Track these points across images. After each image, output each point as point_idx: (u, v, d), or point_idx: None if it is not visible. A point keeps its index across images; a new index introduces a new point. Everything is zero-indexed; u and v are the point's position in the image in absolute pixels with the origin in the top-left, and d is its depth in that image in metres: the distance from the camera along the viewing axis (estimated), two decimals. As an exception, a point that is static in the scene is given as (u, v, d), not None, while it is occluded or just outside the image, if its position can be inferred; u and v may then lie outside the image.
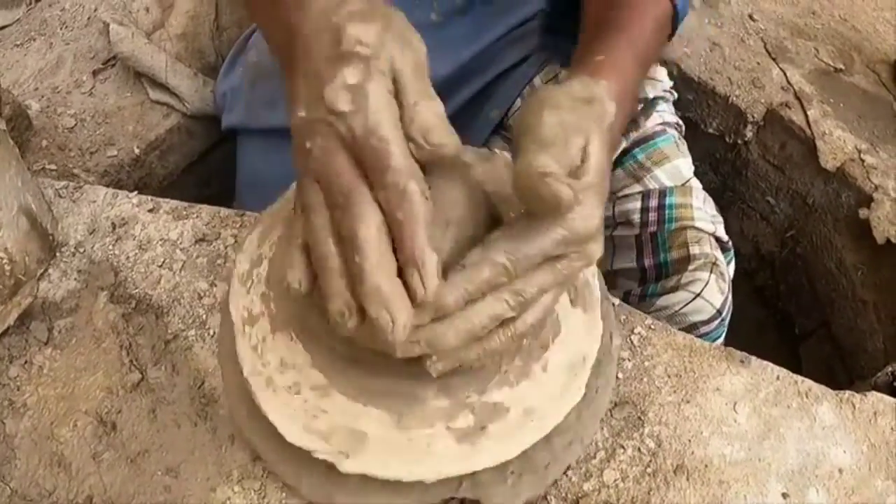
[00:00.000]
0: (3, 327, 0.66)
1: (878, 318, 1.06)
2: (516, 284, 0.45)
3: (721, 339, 0.84)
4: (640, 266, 0.84)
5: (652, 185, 0.83)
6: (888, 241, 1.02)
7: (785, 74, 1.17)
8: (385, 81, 0.42)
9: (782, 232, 1.22)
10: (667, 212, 0.82)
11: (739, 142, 1.19)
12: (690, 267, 0.80)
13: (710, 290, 0.79)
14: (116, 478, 0.59)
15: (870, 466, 0.64)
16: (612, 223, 0.86)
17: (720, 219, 0.84)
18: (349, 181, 0.41)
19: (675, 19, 0.69)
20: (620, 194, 0.85)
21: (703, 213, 0.83)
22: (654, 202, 0.82)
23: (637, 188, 0.84)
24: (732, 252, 0.85)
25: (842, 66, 1.20)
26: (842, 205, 1.10)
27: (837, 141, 1.09)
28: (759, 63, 1.18)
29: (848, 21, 1.28)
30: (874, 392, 0.69)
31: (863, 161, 1.07)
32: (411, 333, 0.43)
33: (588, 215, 0.45)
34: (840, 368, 1.13)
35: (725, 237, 0.83)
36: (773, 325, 1.26)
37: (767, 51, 1.20)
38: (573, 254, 0.46)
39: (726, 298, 0.81)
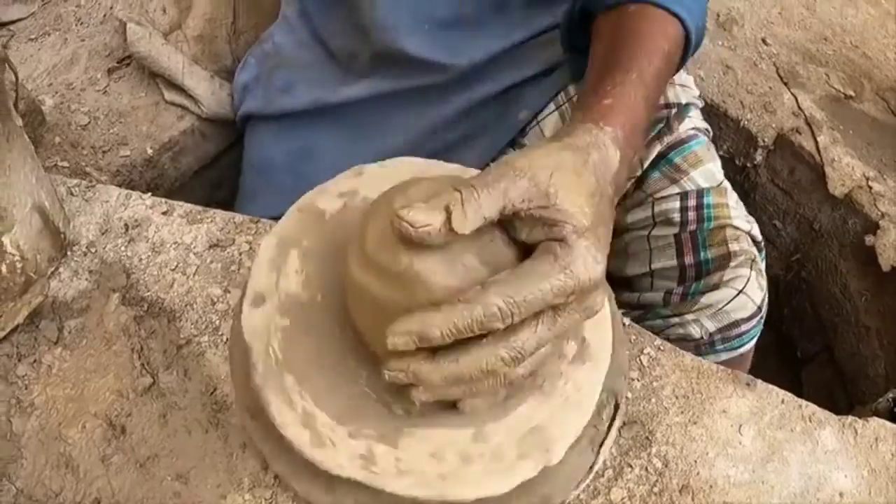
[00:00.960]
0: (12, 325, 0.66)
1: (880, 344, 1.07)
2: (515, 339, 0.45)
3: (755, 340, 0.84)
4: (681, 265, 0.84)
5: (689, 186, 0.84)
6: (893, 268, 1.02)
7: (796, 99, 1.17)
8: None
9: (788, 256, 1.23)
10: (705, 211, 0.82)
11: (749, 165, 1.19)
12: (732, 264, 0.80)
13: (752, 287, 0.79)
14: (125, 481, 0.59)
15: (870, 491, 0.64)
16: (651, 223, 0.86)
17: (753, 219, 0.84)
18: None
19: (688, 44, 0.69)
20: (658, 196, 0.85)
21: (739, 213, 0.83)
22: (692, 202, 0.83)
23: (674, 189, 0.84)
24: (765, 252, 0.86)
25: (852, 93, 1.21)
26: (848, 231, 1.11)
27: (846, 168, 1.10)
28: (770, 87, 1.19)
29: (859, 48, 1.29)
30: (875, 418, 0.69)
31: (870, 188, 1.08)
32: (400, 360, 0.46)
33: (589, 262, 0.45)
34: (841, 393, 1.14)
35: (759, 237, 0.84)
36: (775, 348, 1.26)
37: (779, 75, 1.21)
38: (573, 305, 0.46)
39: (764, 295, 0.82)
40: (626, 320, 0.71)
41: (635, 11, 0.66)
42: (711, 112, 1.17)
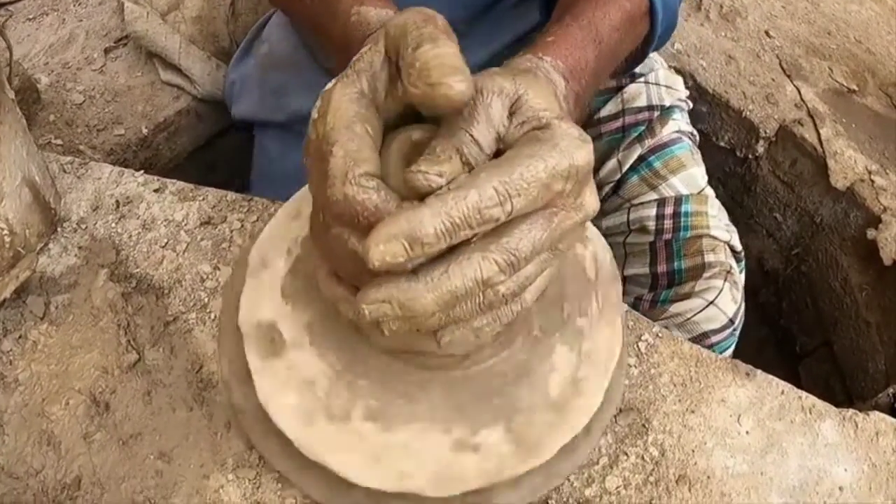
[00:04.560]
0: (-1, 299, 0.65)
1: (880, 340, 1.06)
2: (507, 240, 0.39)
3: (730, 350, 0.84)
4: (653, 272, 0.84)
5: (667, 192, 0.84)
6: (894, 262, 1.02)
7: (799, 92, 1.17)
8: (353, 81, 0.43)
9: (788, 249, 1.22)
10: (682, 219, 0.82)
11: (750, 156, 1.19)
12: (705, 274, 0.80)
13: (724, 299, 0.79)
14: (107, 459, 0.58)
15: (870, 486, 0.63)
16: (627, 230, 0.86)
17: (734, 228, 0.84)
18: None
19: (654, 16, 0.66)
20: (636, 202, 0.85)
21: (719, 222, 0.83)
22: (669, 209, 0.83)
23: (652, 196, 0.84)
24: (744, 263, 0.86)
25: (855, 87, 1.20)
26: (849, 224, 1.10)
27: (848, 161, 1.09)
28: (773, 79, 1.18)
29: (863, 43, 1.28)
30: (876, 411, 0.68)
31: (872, 182, 1.07)
32: (377, 289, 0.38)
33: (576, 141, 0.41)
34: (839, 388, 1.13)
35: (739, 247, 0.84)
36: (773, 342, 1.26)
37: (782, 67, 1.21)
38: (569, 200, 0.41)
39: (739, 308, 0.81)
40: (625, 307, 0.70)
41: None
42: (713, 102, 1.17)
